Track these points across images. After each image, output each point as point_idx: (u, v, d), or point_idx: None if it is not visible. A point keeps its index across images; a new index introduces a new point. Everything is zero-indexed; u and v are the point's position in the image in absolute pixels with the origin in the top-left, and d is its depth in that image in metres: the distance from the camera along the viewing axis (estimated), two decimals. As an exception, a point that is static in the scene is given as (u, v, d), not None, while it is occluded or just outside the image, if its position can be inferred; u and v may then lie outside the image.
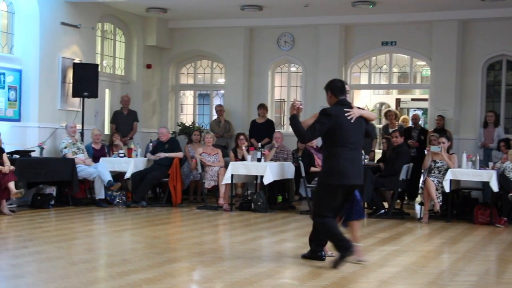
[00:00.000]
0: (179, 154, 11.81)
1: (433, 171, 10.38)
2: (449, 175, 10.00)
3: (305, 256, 6.68)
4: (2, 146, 10.15)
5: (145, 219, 10.04)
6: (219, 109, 13.72)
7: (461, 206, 10.82)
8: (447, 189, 9.96)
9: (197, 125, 14.45)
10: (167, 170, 11.45)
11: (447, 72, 12.84)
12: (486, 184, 10.22)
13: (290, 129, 14.81)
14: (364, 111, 6.55)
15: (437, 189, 10.11)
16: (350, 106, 6.40)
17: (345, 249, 6.18)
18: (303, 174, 10.91)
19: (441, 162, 10.36)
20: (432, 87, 13.32)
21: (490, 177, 9.94)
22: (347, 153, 6.23)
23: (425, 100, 14.95)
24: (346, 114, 6.24)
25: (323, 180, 6.38)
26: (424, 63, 13.71)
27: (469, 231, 9.25)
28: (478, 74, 12.82)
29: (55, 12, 11.74)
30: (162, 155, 11.66)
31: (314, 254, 6.63)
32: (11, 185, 9.73)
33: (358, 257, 6.46)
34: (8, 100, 11.16)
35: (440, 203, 10.13)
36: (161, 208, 11.22)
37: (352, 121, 6.25)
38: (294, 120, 6.34)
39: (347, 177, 6.24)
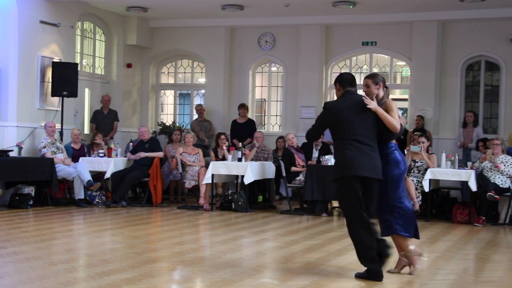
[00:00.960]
0: (160, 154, 11.77)
1: (412, 171, 10.44)
2: (428, 175, 10.08)
3: (360, 276, 5.96)
4: (-20, 145, 10.09)
5: (125, 219, 10.00)
6: (199, 109, 13.69)
7: (440, 206, 10.95)
8: (426, 189, 10.03)
9: (177, 124, 14.43)
10: (148, 170, 11.42)
11: (426, 72, 12.94)
12: (465, 184, 10.32)
13: (271, 129, 14.89)
14: (381, 111, 5.92)
15: (416, 189, 10.19)
16: (358, 97, 6.02)
17: (369, 261, 5.83)
18: (284, 174, 10.94)
19: (420, 162, 10.44)
20: (411, 87, 13.42)
21: (468, 176, 10.02)
22: (355, 144, 5.85)
23: (405, 100, 15.02)
24: (364, 99, 5.90)
25: (336, 176, 6.01)
26: (404, 63, 13.79)
27: (448, 230, 9.32)
28: (457, 74, 12.94)
29: (34, 10, 11.63)
30: (143, 154, 11.61)
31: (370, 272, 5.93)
32: (-11, 185, 9.67)
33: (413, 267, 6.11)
34: (-14, 99, 11.07)
35: (420, 203, 10.21)
36: (141, 208, 11.18)
37: (366, 107, 5.86)
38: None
39: (359, 168, 5.80)
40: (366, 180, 5.88)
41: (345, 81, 6.14)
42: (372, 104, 5.92)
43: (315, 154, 11.59)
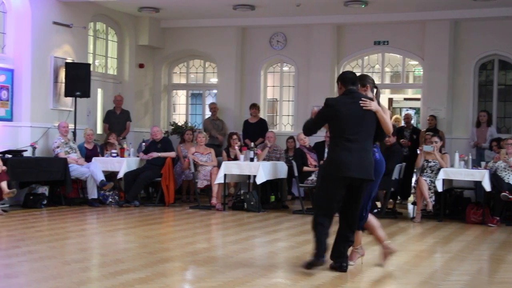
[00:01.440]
0: (172, 154, 11.80)
1: (425, 171, 10.40)
2: (441, 175, 10.02)
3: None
4: (-6, 146, 10.17)
5: (138, 218, 10.03)
6: (213, 107, 13.70)
7: (454, 206, 10.84)
8: (439, 189, 9.98)
9: (189, 124, 14.44)
10: (160, 170, 11.45)
11: (439, 71, 12.87)
12: (478, 184, 10.21)
13: (283, 129, 14.86)
14: (381, 113, 6.03)
15: (429, 189, 10.14)
16: (359, 96, 6.06)
17: (316, 256, 6.00)
18: (296, 174, 10.92)
19: (433, 162, 10.39)
20: (424, 87, 13.35)
21: (482, 176, 9.95)
22: (347, 144, 5.90)
23: (418, 99, 14.98)
24: (360, 102, 5.94)
25: (321, 171, 6.30)
26: (417, 62, 13.73)
27: (462, 231, 9.26)
28: (470, 73, 12.85)
29: (47, 11, 11.70)
30: (155, 154, 11.65)
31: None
32: (3, 184, 9.71)
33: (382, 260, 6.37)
34: (0, 99, 11.12)
35: (433, 203, 10.15)
36: (154, 208, 11.21)
37: (363, 108, 5.93)
38: (309, 120, 6.39)
39: (345, 169, 5.87)
40: (353, 181, 5.94)
41: (347, 80, 6.16)
42: (373, 105, 5.96)
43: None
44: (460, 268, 6.51)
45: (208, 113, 14.34)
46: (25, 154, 10.92)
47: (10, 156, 10.46)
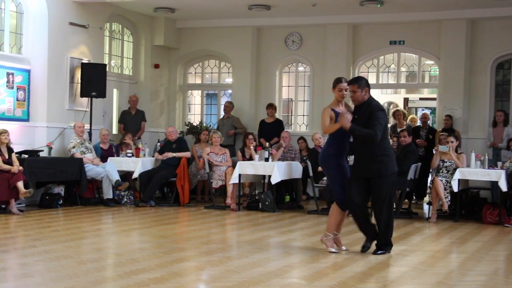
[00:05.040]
0: (187, 154, 11.83)
1: (441, 171, 10.36)
2: (457, 175, 9.97)
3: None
4: (11, 146, 10.21)
5: (153, 218, 10.07)
6: (226, 106, 13.70)
7: (470, 206, 10.79)
8: (455, 189, 9.92)
9: (204, 124, 14.48)
10: (175, 170, 11.48)
11: (455, 71, 12.81)
12: (494, 184, 10.18)
13: (298, 129, 14.77)
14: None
15: (445, 189, 10.09)
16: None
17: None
18: (311, 174, 10.91)
19: (449, 162, 10.34)
20: (440, 86, 13.28)
21: (499, 176, 9.88)
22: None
23: (434, 99, 14.91)
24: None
25: (393, 171, 7.05)
26: (433, 62, 13.69)
27: (478, 231, 9.21)
28: (487, 73, 12.77)
29: (64, 12, 11.78)
30: (170, 154, 11.68)
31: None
32: (20, 184, 9.79)
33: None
34: (17, 100, 11.21)
35: (449, 203, 10.10)
36: (169, 208, 11.26)
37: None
38: (357, 128, 6.71)
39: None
40: None
41: (369, 86, 6.99)
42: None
43: None
44: (476, 269, 6.48)
45: (223, 114, 14.35)
46: (41, 154, 10.99)
47: (26, 156, 10.55)
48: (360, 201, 6.94)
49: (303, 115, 14.43)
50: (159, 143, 12.36)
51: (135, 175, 11.47)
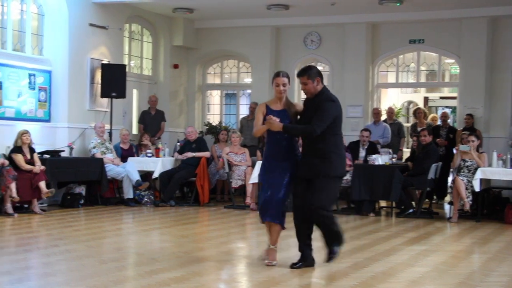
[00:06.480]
0: (206, 154, 11.87)
1: (462, 170, 10.29)
2: (479, 174, 9.89)
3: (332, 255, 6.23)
4: (33, 146, 10.31)
5: (173, 218, 10.13)
6: (250, 106, 13.68)
7: (492, 206, 10.72)
8: (477, 188, 9.86)
9: (224, 124, 14.52)
10: (195, 170, 11.54)
11: (476, 69, 12.72)
12: (517, 183, 10.10)
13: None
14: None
15: (466, 189, 10.02)
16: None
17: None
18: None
19: (470, 161, 10.27)
20: (461, 85, 13.19)
21: (521, 176, 9.81)
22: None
23: (454, 98, 14.78)
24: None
25: (338, 174, 6.20)
26: (453, 61, 13.60)
27: (500, 231, 9.14)
28: (508, 71, 12.67)
29: (84, 13, 11.89)
30: (190, 154, 11.74)
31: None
32: (42, 184, 9.89)
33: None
34: (38, 101, 11.35)
35: (470, 203, 10.02)
36: (188, 208, 11.32)
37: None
38: (290, 127, 6.03)
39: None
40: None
41: (322, 76, 6.20)
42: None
43: (362, 153, 11.46)
44: (498, 269, 6.43)
45: (242, 113, 14.35)
46: (63, 154, 11.11)
47: (48, 156, 10.66)
48: (301, 204, 6.13)
49: (323, 115, 14.37)
50: (178, 143, 12.42)
51: (155, 175, 11.54)
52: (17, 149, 10.05)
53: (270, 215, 6.19)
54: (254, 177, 10.81)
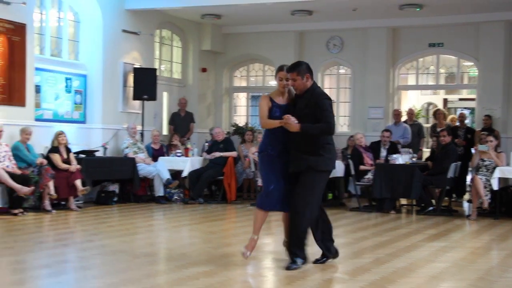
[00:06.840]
0: (233, 153, 12.10)
1: (481, 169, 10.32)
2: (497, 173, 9.91)
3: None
4: (69, 146, 10.60)
5: (202, 215, 10.25)
6: None
7: (510, 204, 10.65)
8: (495, 187, 9.88)
9: (250, 125, 14.68)
10: (222, 169, 11.76)
11: (494, 72, 12.80)
12: (534, 182, 10.06)
13: (340, 129, 14.93)
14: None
15: (485, 187, 10.04)
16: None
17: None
18: (353, 172, 11.03)
19: (489, 161, 10.30)
20: (479, 87, 13.27)
21: (538, 175, 9.76)
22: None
23: (473, 99, 14.83)
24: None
25: (326, 168, 6.03)
26: (471, 63, 13.64)
27: (518, 228, 9.09)
28: (526, 73, 12.71)
29: (117, 20, 12.19)
30: (217, 154, 11.97)
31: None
32: (78, 182, 10.15)
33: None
34: (75, 103, 11.71)
35: (489, 201, 10.02)
36: (216, 205, 11.48)
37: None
38: (308, 127, 5.80)
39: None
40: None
41: (312, 72, 5.99)
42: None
43: (383, 153, 11.53)
44: (517, 265, 6.44)
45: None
46: (97, 154, 11.36)
47: (83, 156, 10.92)
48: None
49: (345, 116, 14.59)
50: (206, 143, 12.57)
51: (185, 173, 11.71)
52: (54, 149, 10.31)
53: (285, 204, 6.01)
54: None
